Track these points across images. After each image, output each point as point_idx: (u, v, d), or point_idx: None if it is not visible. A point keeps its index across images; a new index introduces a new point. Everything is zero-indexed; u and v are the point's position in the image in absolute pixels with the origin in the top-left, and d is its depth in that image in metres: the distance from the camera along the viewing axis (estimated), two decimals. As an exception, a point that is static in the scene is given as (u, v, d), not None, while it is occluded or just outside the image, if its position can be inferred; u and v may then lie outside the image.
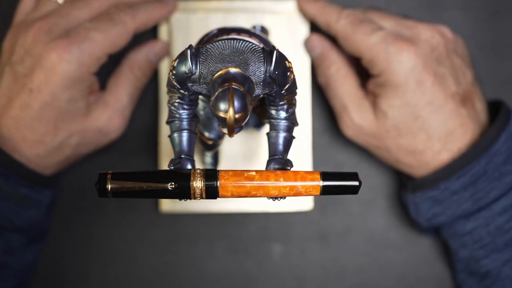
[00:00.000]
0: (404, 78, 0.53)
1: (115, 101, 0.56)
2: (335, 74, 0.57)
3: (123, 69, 0.57)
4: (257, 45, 0.40)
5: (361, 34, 0.54)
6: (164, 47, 0.59)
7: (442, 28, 0.56)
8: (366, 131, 0.56)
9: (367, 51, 0.54)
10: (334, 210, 0.62)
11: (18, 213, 0.53)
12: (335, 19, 0.56)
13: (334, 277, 0.62)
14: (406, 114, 0.54)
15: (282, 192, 0.40)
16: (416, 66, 0.53)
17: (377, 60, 0.54)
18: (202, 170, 0.40)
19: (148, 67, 0.58)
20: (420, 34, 0.55)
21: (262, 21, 0.59)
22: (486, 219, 0.55)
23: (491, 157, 0.53)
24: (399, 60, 0.53)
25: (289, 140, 0.43)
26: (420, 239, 0.62)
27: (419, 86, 0.53)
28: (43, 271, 0.61)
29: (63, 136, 0.53)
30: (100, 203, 0.61)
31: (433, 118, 0.54)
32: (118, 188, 0.40)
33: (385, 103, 0.54)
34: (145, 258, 0.62)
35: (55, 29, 0.53)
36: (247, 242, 0.62)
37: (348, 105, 0.56)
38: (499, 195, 0.54)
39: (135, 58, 0.57)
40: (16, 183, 0.52)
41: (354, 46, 0.55)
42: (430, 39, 0.54)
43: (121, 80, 0.57)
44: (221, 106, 0.36)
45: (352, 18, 0.55)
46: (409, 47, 0.53)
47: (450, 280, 0.62)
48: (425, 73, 0.53)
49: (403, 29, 0.55)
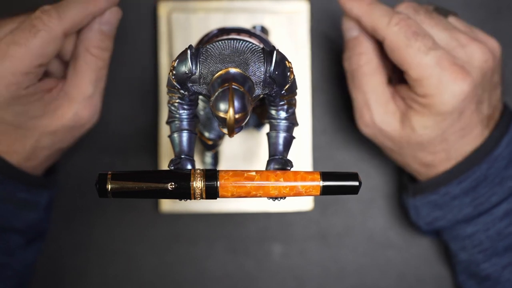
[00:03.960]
0: (450, 109, 0.50)
1: (78, 93, 0.51)
2: (365, 66, 0.53)
3: (79, 53, 0.51)
4: (257, 45, 0.40)
5: (414, 49, 0.49)
6: (113, 12, 0.51)
7: (493, 45, 0.53)
8: (385, 134, 0.54)
9: (417, 70, 0.50)
10: (334, 210, 0.62)
11: (17, 215, 0.53)
12: (386, 24, 0.51)
13: (334, 277, 0.62)
14: (435, 136, 0.52)
15: (282, 192, 0.40)
16: (466, 98, 0.50)
17: (427, 83, 0.50)
18: (202, 170, 0.40)
19: (105, 41, 0.51)
20: (473, 58, 0.51)
21: (262, 21, 0.59)
22: (487, 224, 0.54)
23: (493, 162, 0.53)
24: (451, 91, 0.49)
25: (289, 140, 0.43)
26: (420, 239, 0.62)
27: (459, 115, 0.51)
28: (43, 271, 0.61)
29: (31, 143, 0.51)
30: (100, 203, 0.61)
31: (459, 141, 0.52)
32: (118, 188, 0.40)
33: (418, 120, 0.51)
34: (145, 258, 0.62)
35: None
36: (247, 242, 0.62)
37: (372, 104, 0.53)
38: (500, 200, 0.53)
39: (88, 37, 0.51)
40: (12, 188, 0.52)
41: (403, 59, 0.50)
42: (483, 65, 0.51)
43: (79, 67, 0.51)
44: (221, 106, 0.36)
45: (405, 27, 0.50)
46: (464, 77, 0.49)
47: (450, 280, 0.62)
48: (470, 104, 0.51)
49: (457, 48, 0.51)
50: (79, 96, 0.51)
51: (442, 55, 0.50)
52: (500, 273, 0.55)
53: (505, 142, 0.53)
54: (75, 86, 0.51)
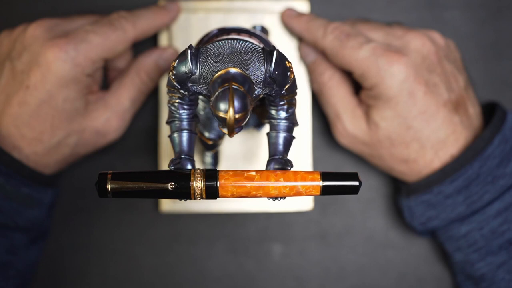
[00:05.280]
0: (396, 91, 0.52)
1: (116, 103, 0.55)
2: (328, 82, 0.56)
3: (130, 71, 0.57)
4: (257, 45, 0.40)
5: (349, 48, 0.53)
6: (174, 54, 0.58)
7: (433, 34, 0.55)
8: (359, 140, 0.56)
9: (357, 66, 0.53)
10: (334, 210, 0.62)
11: (21, 212, 0.53)
12: (322, 35, 0.55)
13: (334, 277, 0.62)
14: (398, 125, 0.54)
15: (282, 192, 0.40)
16: (408, 77, 0.52)
17: (368, 74, 0.53)
18: (202, 170, 0.40)
19: (156, 72, 0.57)
20: (410, 44, 0.54)
21: (262, 21, 0.59)
22: (480, 223, 0.54)
23: (485, 160, 0.53)
24: (390, 73, 0.52)
25: (289, 140, 0.43)
26: (420, 239, 0.62)
27: (411, 97, 0.53)
28: (43, 271, 0.61)
29: (60, 135, 0.53)
30: (100, 203, 0.61)
31: (425, 127, 0.53)
32: (118, 188, 0.40)
33: (377, 114, 0.54)
34: (145, 258, 0.62)
35: (55, 28, 0.53)
36: (247, 242, 0.62)
37: (342, 114, 0.56)
38: (493, 199, 0.54)
39: (144, 62, 0.57)
40: (18, 182, 0.52)
41: (344, 61, 0.54)
42: (420, 48, 0.54)
43: (125, 82, 0.56)
44: (221, 106, 0.36)
45: (338, 33, 0.54)
46: (399, 58, 0.52)
47: (450, 280, 0.62)
48: (417, 84, 0.52)
49: (393, 40, 0.54)
50: (116, 106, 0.55)
51: (376, 46, 0.53)
52: (495, 272, 0.55)
53: (497, 141, 0.53)
54: (115, 97, 0.56)
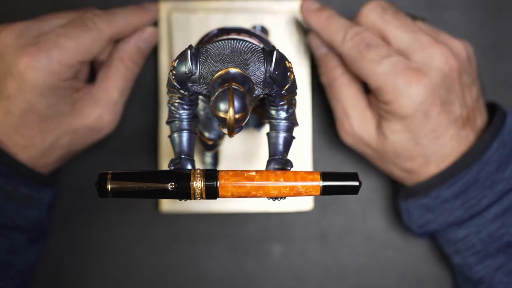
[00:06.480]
0: (411, 111, 0.51)
1: (105, 97, 0.54)
2: (340, 78, 0.55)
3: (113, 61, 0.55)
4: (257, 45, 0.40)
5: (368, 61, 0.51)
6: (153, 32, 0.57)
7: (458, 47, 0.53)
8: (364, 142, 0.55)
9: (374, 79, 0.51)
10: (334, 210, 0.62)
11: (20, 212, 0.53)
12: (341, 40, 0.53)
13: (334, 277, 0.62)
14: (407, 141, 0.53)
15: (282, 192, 0.40)
16: (425, 100, 0.51)
17: (385, 90, 0.51)
18: (202, 170, 0.40)
19: (139, 56, 0.56)
20: (433, 60, 0.51)
21: (262, 21, 0.59)
22: (478, 227, 0.54)
23: (483, 165, 0.52)
24: (409, 94, 0.50)
25: (289, 140, 0.43)
26: (420, 239, 0.62)
27: (425, 117, 0.51)
28: (43, 271, 0.61)
29: (52, 138, 0.53)
30: (100, 203, 0.61)
31: (433, 144, 0.53)
32: (118, 188, 0.40)
33: (387, 126, 0.53)
34: (145, 258, 0.62)
35: (27, 33, 0.51)
36: (247, 242, 0.62)
37: (350, 112, 0.55)
38: (491, 203, 0.53)
39: (125, 49, 0.55)
40: (17, 182, 0.52)
41: (361, 72, 0.52)
42: (443, 66, 0.51)
43: (111, 74, 0.55)
44: (221, 106, 0.36)
45: (358, 41, 0.52)
46: (419, 80, 0.50)
47: (450, 280, 0.62)
48: (433, 105, 0.51)
49: (417, 49, 0.52)
50: (105, 100, 0.54)
51: (396, 61, 0.51)
52: (493, 275, 0.54)
53: (495, 145, 0.53)
54: (103, 90, 0.54)
